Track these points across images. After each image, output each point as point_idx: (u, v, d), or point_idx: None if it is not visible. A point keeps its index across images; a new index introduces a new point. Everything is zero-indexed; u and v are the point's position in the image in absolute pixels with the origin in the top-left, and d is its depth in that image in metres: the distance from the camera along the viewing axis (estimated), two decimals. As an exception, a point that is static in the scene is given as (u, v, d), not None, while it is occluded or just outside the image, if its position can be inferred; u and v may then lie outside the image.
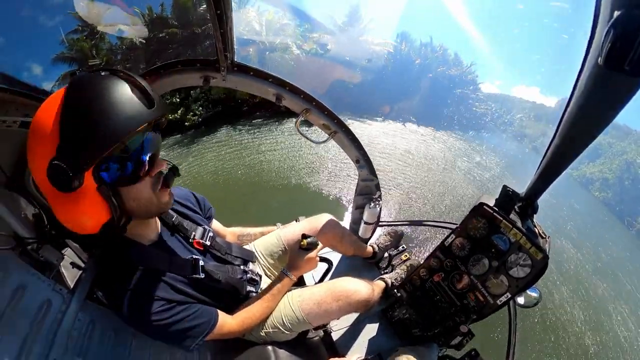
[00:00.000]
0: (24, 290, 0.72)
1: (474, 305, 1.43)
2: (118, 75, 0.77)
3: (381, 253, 2.14)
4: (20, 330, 0.68)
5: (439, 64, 27.77)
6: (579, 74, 0.67)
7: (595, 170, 34.26)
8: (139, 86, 0.78)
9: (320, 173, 10.28)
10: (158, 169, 0.88)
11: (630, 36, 0.45)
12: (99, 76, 0.75)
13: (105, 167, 0.76)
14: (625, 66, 0.47)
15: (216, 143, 13.00)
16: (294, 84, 1.44)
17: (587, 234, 14.36)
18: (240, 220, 1.86)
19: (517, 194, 1.34)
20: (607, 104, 0.65)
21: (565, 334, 6.78)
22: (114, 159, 0.77)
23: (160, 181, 0.90)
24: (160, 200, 0.91)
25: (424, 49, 27.72)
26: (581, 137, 0.83)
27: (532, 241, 1.26)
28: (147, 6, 14.74)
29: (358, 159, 1.82)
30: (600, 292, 9.53)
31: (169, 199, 0.95)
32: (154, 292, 0.93)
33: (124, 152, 0.78)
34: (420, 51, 27.47)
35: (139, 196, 0.86)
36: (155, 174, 0.88)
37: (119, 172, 0.79)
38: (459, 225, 1.49)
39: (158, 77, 1.26)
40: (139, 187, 0.84)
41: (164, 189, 0.92)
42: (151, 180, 0.87)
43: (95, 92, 0.72)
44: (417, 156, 14.31)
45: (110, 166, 0.77)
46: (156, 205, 0.91)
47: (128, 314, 0.90)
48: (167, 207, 0.97)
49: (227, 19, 1.03)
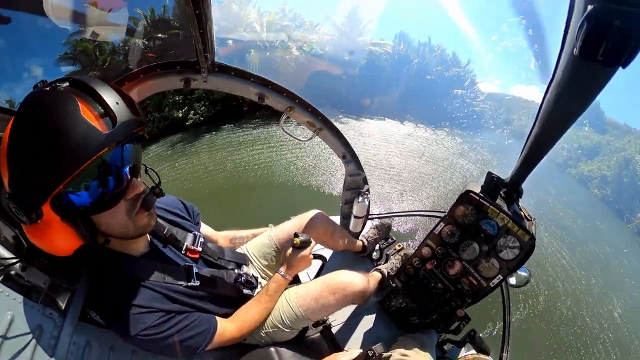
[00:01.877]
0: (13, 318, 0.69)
1: (468, 289, 1.49)
2: (76, 89, 0.67)
3: (371, 246, 2.18)
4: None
5: (437, 63, 28.27)
6: (556, 64, 0.69)
7: (594, 168, 33.99)
8: (100, 101, 0.67)
9: (313, 170, 10.27)
10: (134, 193, 0.79)
11: (603, 28, 0.47)
12: (51, 94, 0.65)
13: (66, 196, 0.69)
14: (599, 56, 0.50)
15: (214, 143, 12.98)
16: (276, 83, 1.42)
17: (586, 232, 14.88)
18: (232, 222, 1.84)
19: (502, 179, 1.40)
20: (583, 92, 0.68)
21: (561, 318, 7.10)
22: (75, 187, 0.69)
23: (138, 204, 0.82)
24: (137, 225, 0.84)
25: (422, 49, 28.21)
26: (559, 123, 0.87)
27: (519, 224, 1.32)
28: (149, 7, 14.40)
29: (344, 155, 1.82)
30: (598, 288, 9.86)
31: (147, 221, 0.87)
32: (149, 304, 0.90)
33: (88, 178, 0.70)
34: (418, 51, 27.89)
35: (111, 222, 0.80)
36: (132, 198, 0.80)
37: (85, 199, 0.72)
38: (447, 213, 1.53)
39: (138, 82, 1.21)
40: (111, 213, 0.77)
41: (142, 211, 0.84)
42: (126, 204, 0.80)
43: (40, 119, 0.63)
44: (410, 151, 14.50)
45: (72, 195, 0.70)
46: (133, 230, 0.84)
47: (125, 329, 0.87)
48: (147, 230, 0.90)
49: (207, 19, 1.00)
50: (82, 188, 0.70)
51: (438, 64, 28.17)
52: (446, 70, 28.37)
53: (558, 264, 9.21)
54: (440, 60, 28.69)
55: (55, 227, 0.71)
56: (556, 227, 11.68)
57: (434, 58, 28.25)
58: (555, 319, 6.79)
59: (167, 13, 15.01)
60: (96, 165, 0.70)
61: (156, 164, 11.48)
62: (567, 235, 11.86)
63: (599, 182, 32.69)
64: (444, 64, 28.65)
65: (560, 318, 6.90)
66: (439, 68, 28.08)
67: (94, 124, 0.65)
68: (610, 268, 11.39)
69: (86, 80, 0.69)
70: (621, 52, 0.48)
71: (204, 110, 15.16)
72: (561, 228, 12.24)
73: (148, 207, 0.85)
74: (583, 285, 8.92)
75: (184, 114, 14.61)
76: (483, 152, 18.80)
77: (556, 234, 11.17)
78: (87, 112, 0.65)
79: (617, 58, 0.49)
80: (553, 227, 11.52)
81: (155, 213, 0.92)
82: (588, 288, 8.89)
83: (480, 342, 1.64)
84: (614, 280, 10.41)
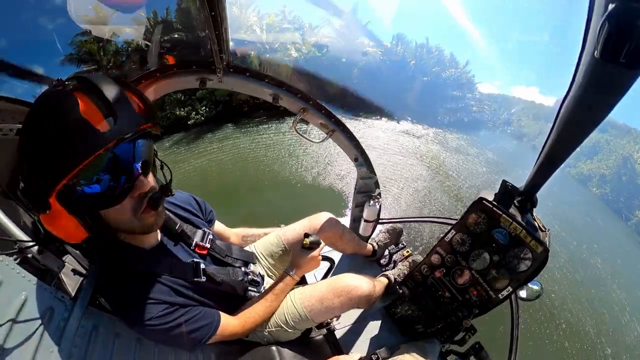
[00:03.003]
0: (27, 298, 0.72)
1: (476, 300, 1.44)
2: (81, 87, 0.67)
3: (381, 251, 2.15)
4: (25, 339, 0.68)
5: (434, 64, 28.09)
6: (577, 67, 0.67)
7: (593, 167, 34.26)
8: (102, 98, 0.66)
9: (321, 170, 10.31)
10: (139, 191, 0.79)
11: (625, 28, 0.45)
12: (56, 92, 0.67)
13: (72, 191, 0.70)
14: (621, 58, 0.47)
15: (218, 142, 13.31)
16: (291, 84, 1.44)
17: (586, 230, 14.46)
18: (245, 220, 1.88)
19: (517, 188, 1.35)
20: (604, 96, 0.65)
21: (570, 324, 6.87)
22: (78, 184, 0.70)
23: (144, 203, 0.82)
24: (143, 223, 0.85)
25: (420, 50, 28.06)
26: (578, 129, 0.83)
27: (532, 235, 1.27)
28: (152, 10, 15.13)
29: (357, 157, 1.82)
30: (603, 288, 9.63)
31: (154, 220, 0.87)
32: (156, 295, 0.93)
33: (91, 175, 0.70)
34: (415, 52, 27.80)
35: (116, 219, 0.81)
36: (138, 196, 0.80)
37: (89, 195, 0.73)
38: (458, 221, 1.50)
39: (154, 81, 1.25)
40: (116, 210, 0.78)
41: (148, 210, 0.83)
42: (132, 202, 0.80)
43: (43, 118, 0.65)
44: (413, 154, 14.44)
45: (77, 190, 0.71)
46: (139, 228, 0.85)
47: (131, 318, 0.90)
48: (154, 229, 0.90)
49: (222, 20, 1.02)
50: (86, 184, 0.71)
51: (435, 65, 28.01)
52: (443, 71, 28.20)
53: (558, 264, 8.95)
54: (437, 61, 28.52)
55: (63, 217, 0.73)
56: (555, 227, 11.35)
57: (431, 59, 28.08)
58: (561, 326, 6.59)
59: (169, 15, 15.49)
60: (99, 163, 0.70)
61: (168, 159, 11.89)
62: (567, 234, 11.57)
63: (598, 181, 32.79)
64: (441, 65, 28.48)
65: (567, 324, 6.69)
66: (436, 69, 27.91)
67: (94, 122, 0.65)
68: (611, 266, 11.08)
69: (91, 78, 0.69)
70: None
71: (206, 111, 15.63)
72: (561, 226, 11.92)
73: (155, 207, 0.84)
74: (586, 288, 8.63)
75: (186, 113, 15.03)
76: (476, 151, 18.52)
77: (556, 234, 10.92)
78: (87, 110, 0.65)
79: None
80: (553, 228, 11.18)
81: (163, 212, 0.93)
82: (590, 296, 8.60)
83: (485, 357, 1.58)
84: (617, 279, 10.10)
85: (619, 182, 31.77)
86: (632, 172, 32.21)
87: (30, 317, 0.71)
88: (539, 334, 6.22)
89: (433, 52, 28.63)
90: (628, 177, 31.95)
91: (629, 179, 31.85)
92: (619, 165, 32.84)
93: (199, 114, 15.36)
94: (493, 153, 19.92)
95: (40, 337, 0.71)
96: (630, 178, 31.96)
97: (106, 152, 0.69)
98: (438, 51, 28.86)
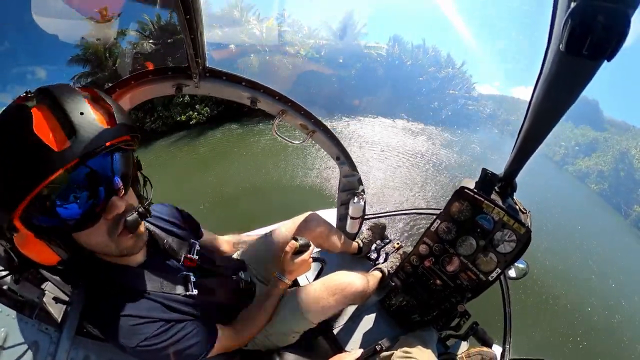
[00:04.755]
0: (7, 335, 0.67)
1: (467, 284, 1.50)
2: (42, 100, 0.62)
3: (366, 247, 2.18)
4: None
5: (430, 64, 28.91)
6: (543, 60, 0.71)
7: (591, 164, 34.53)
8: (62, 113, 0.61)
9: (311, 171, 10.32)
10: (113, 213, 0.72)
11: (587, 23, 0.48)
12: (14, 108, 0.61)
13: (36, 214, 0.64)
14: (584, 51, 0.51)
15: (214, 142, 13.72)
16: (268, 86, 1.42)
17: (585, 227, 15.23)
18: (235, 224, 1.84)
19: (496, 175, 1.41)
20: (570, 86, 0.69)
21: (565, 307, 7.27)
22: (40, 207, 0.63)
23: (120, 226, 0.75)
24: (121, 247, 0.79)
25: (416, 51, 28.77)
26: (548, 117, 0.88)
27: (514, 217, 1.34)
28: (155, 14, 15.91)
29: (338, 156, 1.83)
30: None
31: (132, 243, 0.81)
32: (149, 314, 0.89)
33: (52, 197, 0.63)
34: (412, 53, 28.45)
35: (91, 242, 0.75)
36: (112, 218, 0.73)
37: (55, 218, 0.66)
38: (442, 210, 1.55)
39: (129, 89, 1.20)
40: (90, 233, 0.72)
41: (125, 233, 0.77)
42: (107, 224, 0.73)
43: None
44: (403, 150, 14.83)
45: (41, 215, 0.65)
46: (116, 251, 0.79)
47: (124, 341, 0.85)
48: (133, 252, 0.84)
49: (197, 24, 0.99)
50: (47, 209, 0.65)
51: (431, 65, 28.88)
52: (438, 71, 29.07)
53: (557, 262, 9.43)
54: (433, 61, 29.49)
55: (32, 241, 0.69)
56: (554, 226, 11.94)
57: (427, 59, 29.01)
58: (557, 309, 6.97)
59: (173, 19, 15.80)
60: (61, 184, 0.63)
61: (160, 160, 11.85)
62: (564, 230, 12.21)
63: (596, 177, 33.12)
64: (437, 65, 29.41)
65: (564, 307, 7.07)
66: (432, 69, 28.73)
67: (49, 140, 0.59)
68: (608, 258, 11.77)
69: (54, 90, 0.63)
70: (605, 46, 0.50)
71: (207, 112, 16.16)
72: (561, 225, 12.51)
73: (132, 230, 0.77)
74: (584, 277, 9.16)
75: (186, 118, 15.68)
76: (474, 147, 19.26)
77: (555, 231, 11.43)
78: (43, 127, 0.59)
79: (602, 51, 0.51)
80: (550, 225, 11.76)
81: (144, 234, 0.87)
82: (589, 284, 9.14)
83: (483, 333, 1.65)
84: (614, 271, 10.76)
85: (617, 177, 32.22)
86: (630, 167, 32.72)
87: (13, 355, 0.66)
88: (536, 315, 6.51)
89: (429, 53, 29.52)
90: (626, 173, 32.39)
91: (627, 175, 32.27)
92: (616, 160, 33.27)
93: (200, 114, 15.90)
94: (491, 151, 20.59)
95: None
96: (629, 173, 32.41)
97: (66, 173, 0.62)
98: (435, 52, 29.79)
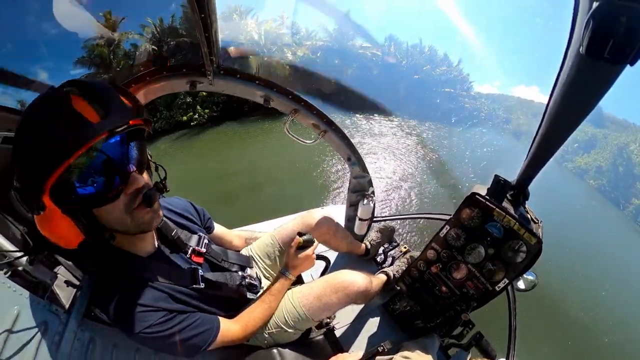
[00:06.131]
0: (19, 313, 0.70)
1: (474, 293, 1.46)
2: (73, 87, 0.69)
3: (374, 250, 2.16)
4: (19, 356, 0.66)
5: (425, 63, 28.70)
6: (562, 63, 0.68)
7: (590, 160, 34.77)
8: (93, 94, 0.69)
9: (317, 168, 10.36)
10: (133, 187, 0.78)
11: (610, 25, 0.46)
12: (50, 92, 0.69)
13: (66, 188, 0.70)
14: (605, 54, 0.49)
15: (216, 141, 14.05)
16: (281, 85, 1.43)
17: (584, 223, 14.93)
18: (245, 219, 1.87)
19: (509, 182, 1.37)
20: (590, 91, 0.67)
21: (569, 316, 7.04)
22: (71, 179, 0.69)
23: (138, 200, 0.80)
24: (136, 221, 0.83)
25: (412, 50, 28.62)
26: (566, 124, 0.85)
27: (525, 227, 1.29)
28: (158, 17, 16.40)
29: (349, 157, 1.82)
30: None
31: (149, 218, 0.85)
32: (154, 303, 0.91)
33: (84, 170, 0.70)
34: (407, 52, 28.31)
35: (109, 217, 0.80)
36: (131, 192, 0.79)
37: (83, 192, 0.72)
38: (452, 216, 1.51)
39: (144, 85, 1.23)
40: (111, 208, 0.77)
41: (142, 207, 0.82)
42: (125, 199, 0.79)
43: (37, 115, 0.67)
44: (406, 151, 14.69)
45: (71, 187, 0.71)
46: (133, 226, 0.83)
47: (129, 326, 0.88)
48: (149, 227, 0.88)
49: (212, 22, 1.01)
50: (79, 180, 0.71)
51: (426, 64, 28.82)
52: (433, 70, 28.96)
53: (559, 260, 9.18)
54: (429, 60, 29.37)
55: (57, 218, 0.73)
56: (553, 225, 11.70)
57: (423, 59, 28.92)
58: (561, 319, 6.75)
59: (175, 22, 16.52)
60: (91, 157, 0.70)
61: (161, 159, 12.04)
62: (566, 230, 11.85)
63: (595, 173, 33.45)
64: (432, 64, 29.29)
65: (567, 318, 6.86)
66: (427, 67, 28.66)
67: (85, 114, 0.66)
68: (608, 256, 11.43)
69: (84, 80, 0.72)
70: (629, 50, 0.47)
71: (207, 112, 16.60)
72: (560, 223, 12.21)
73: (149, 203, 0.82)
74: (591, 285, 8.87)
75: (188, 118, 16.11)
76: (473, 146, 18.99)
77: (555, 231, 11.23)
78: (79, 104, 0.67)
79: (625, 56, 0.48)
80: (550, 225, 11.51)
81: (159, 211, 0.91)
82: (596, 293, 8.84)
83: (486, 345, 1.60)
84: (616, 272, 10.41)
85: (615, 172, 32.35)
86: (628, 162, 32.86)
87: (23, 332, 0.69)
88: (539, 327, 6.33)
89: (425, 52, 29.35)
90: (624, 168, 32.57)
91: (625, 170, 32.45)
92: (614, 155, 33.43)
93: (200, 115, 16.33)
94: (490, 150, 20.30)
95: (35, 353, 0.70)
96: (627, 168, 32.58)
97: (99, 143, 0.69)
98: (430, 51, 29.62)
